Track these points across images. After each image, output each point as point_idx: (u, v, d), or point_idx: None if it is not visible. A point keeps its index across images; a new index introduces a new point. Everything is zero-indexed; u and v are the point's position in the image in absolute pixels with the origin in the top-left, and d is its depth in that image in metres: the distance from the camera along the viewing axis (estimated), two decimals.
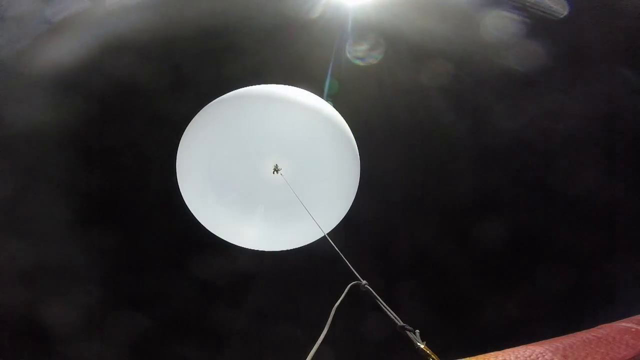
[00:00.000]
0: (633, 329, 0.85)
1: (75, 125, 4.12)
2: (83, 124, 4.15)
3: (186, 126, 2.98)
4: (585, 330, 0.88)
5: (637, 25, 3.92)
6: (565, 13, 3.71)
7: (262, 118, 2.79)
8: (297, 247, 3.15)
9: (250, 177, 2.83)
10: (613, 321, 0.95)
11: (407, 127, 4.72)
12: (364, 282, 1.47)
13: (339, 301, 1.31)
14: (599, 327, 0.93)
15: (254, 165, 2.80)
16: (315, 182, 2.95)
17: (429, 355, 0.92)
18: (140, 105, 4.28)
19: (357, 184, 3.32)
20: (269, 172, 2.74)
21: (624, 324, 0.89)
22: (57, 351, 4.22)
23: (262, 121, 2.79)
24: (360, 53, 4.35)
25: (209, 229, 3.08)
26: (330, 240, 2.01)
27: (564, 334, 0.85)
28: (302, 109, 2.93)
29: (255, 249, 3.18)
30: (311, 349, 1.05)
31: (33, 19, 3.76)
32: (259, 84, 2.98)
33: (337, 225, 3.26)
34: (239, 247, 3.15)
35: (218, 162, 2.85)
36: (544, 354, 0.73)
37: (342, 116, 3.14)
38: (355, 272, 1.58)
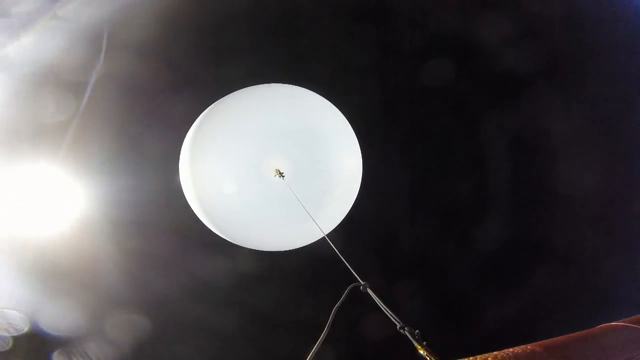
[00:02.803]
0: (633, 329, 0.85)
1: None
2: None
3: (190, 126, 2.99)
4: (585, 330, 0.88)
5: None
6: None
7: (263, 118, 2.80)
8: (298, 247, 3.16)
9: (252, 178, 2.84)
10: (613, 321, 0.95)
11: (407, 127, 4.71)
12: (363, 283, 1.47)
13: (339, 302, 1.32)
14: (599, 327, 0.93)
15: (256, 165, 2.81)
16: (316, 182, 2.95)
17: (428, 355, 0.92)
18: (143, 105, 4.27)
19: (359, 184, 3.33)
20: (271, 171, 2.75)
21: (624, 324, 0.90)
22: (57, 351, 4.22)
23: (264, 121, 2.80)
24: None
25: (210, 228, 3.08)
26: (330, 243, 2.01)
27: (564, 334, 0.85)
28: (304, 109, 2.94)
29: (257, 249, 3.18)
30: (311, 349, 1.06)
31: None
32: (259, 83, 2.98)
33: (338, 227, 3.26)
34: (240, 247, 3.15)
35: (221, 162, 2.85)
36: (543, 354, 0.73)
37: (344, 116, 3.14)
38: (355, 274, 1.58)
